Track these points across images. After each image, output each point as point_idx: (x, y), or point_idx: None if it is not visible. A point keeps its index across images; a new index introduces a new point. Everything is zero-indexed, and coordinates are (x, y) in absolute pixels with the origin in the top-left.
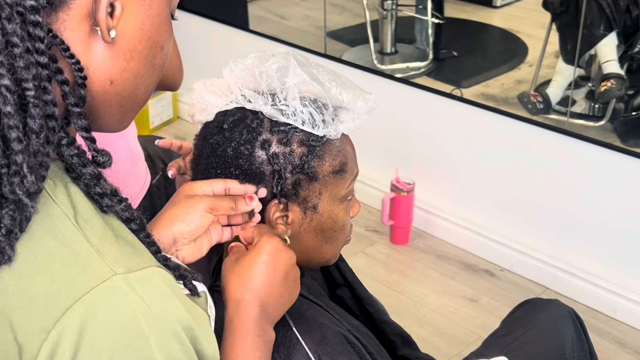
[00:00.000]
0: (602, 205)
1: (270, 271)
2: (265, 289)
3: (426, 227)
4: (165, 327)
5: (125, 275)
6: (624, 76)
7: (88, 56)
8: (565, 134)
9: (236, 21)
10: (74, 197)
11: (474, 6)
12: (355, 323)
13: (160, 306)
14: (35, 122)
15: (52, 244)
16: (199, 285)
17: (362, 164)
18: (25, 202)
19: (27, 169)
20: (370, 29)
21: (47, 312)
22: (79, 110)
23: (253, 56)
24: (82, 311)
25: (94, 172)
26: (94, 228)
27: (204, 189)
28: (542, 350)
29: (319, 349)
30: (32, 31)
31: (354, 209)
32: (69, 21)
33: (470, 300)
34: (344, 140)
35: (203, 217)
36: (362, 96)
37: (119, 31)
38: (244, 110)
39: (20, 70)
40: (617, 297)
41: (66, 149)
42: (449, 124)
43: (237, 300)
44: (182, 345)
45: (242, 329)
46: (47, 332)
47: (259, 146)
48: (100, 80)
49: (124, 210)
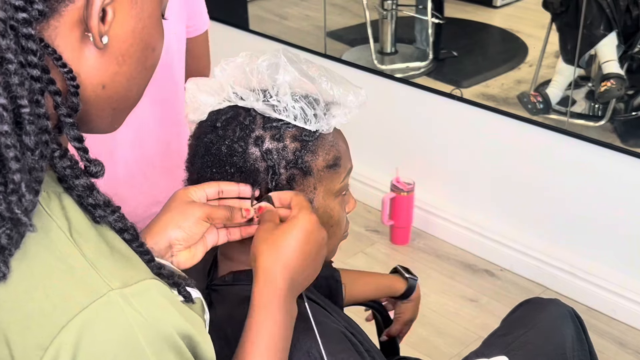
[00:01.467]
0: (602, 205)
1: (305, 248)
2: (296, 264)
3: (426, 227)
4: (163, 339)
5: (121, 290)
6: (624, 76)
7: (79, 62)
8: (565, 134)
9: (236, 21)
10: (68, 210)
11: (474, 6)
12: (351, 322)
13: (157, 318)
14: (30, 139)
15: (47, 259)
16: (193, 292)
17: (362, 164)
18: (23, 221)
19: (25, 187)
20: (370, 29)
21: (44, 329)
22: (72, 120)
23: (244, 55)
24: (79, 328)
25: (87, 184)
26: (89, 242)
27: (199, 194)
28: (542, 350)
29: (321, 347)
30: (25, 44)
31: (349, 204)
32: (60, 28)
33: (470, 300)
34: (336, 135)
35: (199, 225)
36: (352, 90)
37: (110, 36)
38: (236, 108)
39: (15, 88)
40: (617, 297)
41: (59, 161)
42: (449, 124)
43: (266, 272)
44: (181, 355)
45: (267, 302)
46: (44, 349)
47: (252, 143)
48: (92, 85)
49: (117, 220)
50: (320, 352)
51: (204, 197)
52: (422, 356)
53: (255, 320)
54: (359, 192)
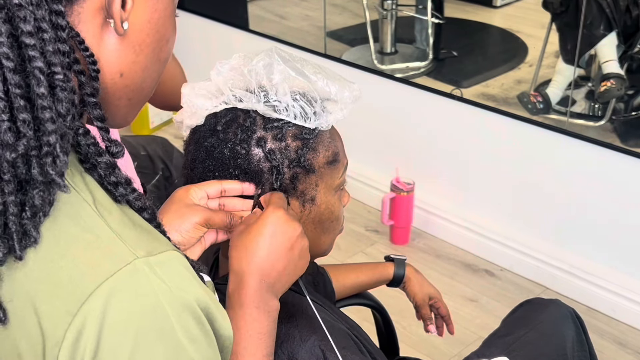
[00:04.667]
0: (602, 205)
1: (274, 243)
2: (268, 260)
3: (426, 227)
4: (186, 308)
5: (146, 258)
6: (624, 76)
7: (100, 49)
8: (565, 134)
9: (236, 21)
10: (91, 186)
11: (474, 6)
12: (352, 323)
13: (180, 288)
14: (62, 106)
15: (74, 229)
16: (204, 277)
17: (362, 164)
18: (57, 182)
19: (59, 148)
20: (370, 29)
21: (72, 296)
22: (95, 100)
23: (237, 56)
24: (106, 294)
25: (109, 161)
26: (113, 214)
27: (199, 195)
28: (543, 351)
29: (322, 345)
30: (55, 20)
31: (344, 198)
32: (83, 14)
33: (470, 300)
34: (332, 132)
35: (197, 229)
36: (347, 86)
37: (129, 24)
38: (234, 110)
39: (49, 55)
40: (617, 297)
41: (83, 138)
42: (449, 124)
43: (238, 272)
44: (202, 325)
45: (242, 301)
46: (72, 315)
47: (254, 144)
48: (111, 73)
49: (136, 199)
50: (326, 349)
51: (204, 197)
52: (422, 356)
53: (234, 319)
54: (359, 192)
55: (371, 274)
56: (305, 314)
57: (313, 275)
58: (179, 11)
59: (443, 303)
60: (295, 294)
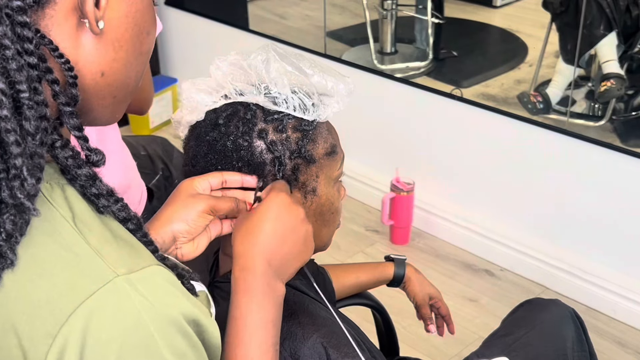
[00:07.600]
0: (602, 205)
1: (278, 226)
2: (272, 245)
3: (426, 227)
4: (170, 323)
5: (127, 276)
6: (624, 76)
7: (77, 51)
8: (565, 134)
9: (236, 21)
10: (71, 200)
11: (474, 6)
12: (352, 323)
13: (164, 303)
14: (30, 124)
15: (52, 247)
16: (197, 285)
17: (362, 164)
18: (27, 205)
19: (26, 172)
20: (370, 29)
21: (51, 317)
22: (71, 109)
23: (234, 53)
24: (86, 315)
25: (89, 173)
26: (93, 230)
27: (203, 185)
28: (543, 351)
29: (325, 342)
30: (20, 32)
31: (342, 191)
32: (56, 17)
33: (470, 300)
34: (328, 125)
35: (202, 217)
36: (342, 80)
37: (105, 21)
38: (234, 104)
39: (13, 73)
40: (617, 297)
41: (60, 152)
42: (449, 124)
43: (242, 257)
44: (189, 339)
45: (248, 286)
46: (52, 337)
47: (256, 136)
48: (92, 74)
49: (120, 210)
50: (328, 347)
51: (208, 188)
52: (422, 356)
53: (240, 307)
54: (359, 192)
55: (371, 273)
56: (307, 311)
57: (313, 274)
58: (179, 11)
59: (443, 303)
60: (296, 292)
